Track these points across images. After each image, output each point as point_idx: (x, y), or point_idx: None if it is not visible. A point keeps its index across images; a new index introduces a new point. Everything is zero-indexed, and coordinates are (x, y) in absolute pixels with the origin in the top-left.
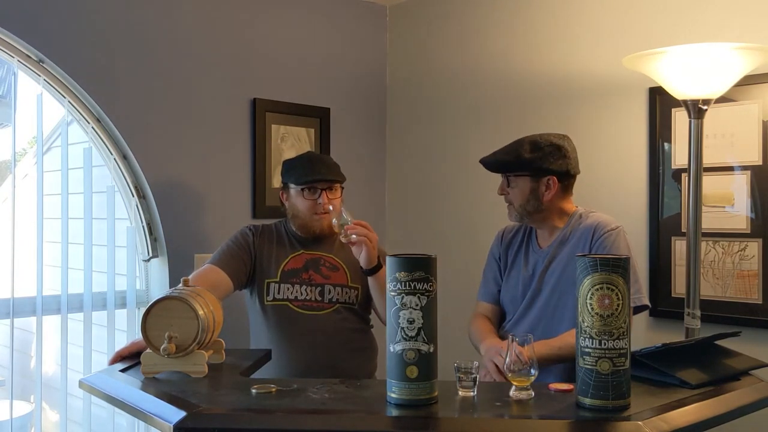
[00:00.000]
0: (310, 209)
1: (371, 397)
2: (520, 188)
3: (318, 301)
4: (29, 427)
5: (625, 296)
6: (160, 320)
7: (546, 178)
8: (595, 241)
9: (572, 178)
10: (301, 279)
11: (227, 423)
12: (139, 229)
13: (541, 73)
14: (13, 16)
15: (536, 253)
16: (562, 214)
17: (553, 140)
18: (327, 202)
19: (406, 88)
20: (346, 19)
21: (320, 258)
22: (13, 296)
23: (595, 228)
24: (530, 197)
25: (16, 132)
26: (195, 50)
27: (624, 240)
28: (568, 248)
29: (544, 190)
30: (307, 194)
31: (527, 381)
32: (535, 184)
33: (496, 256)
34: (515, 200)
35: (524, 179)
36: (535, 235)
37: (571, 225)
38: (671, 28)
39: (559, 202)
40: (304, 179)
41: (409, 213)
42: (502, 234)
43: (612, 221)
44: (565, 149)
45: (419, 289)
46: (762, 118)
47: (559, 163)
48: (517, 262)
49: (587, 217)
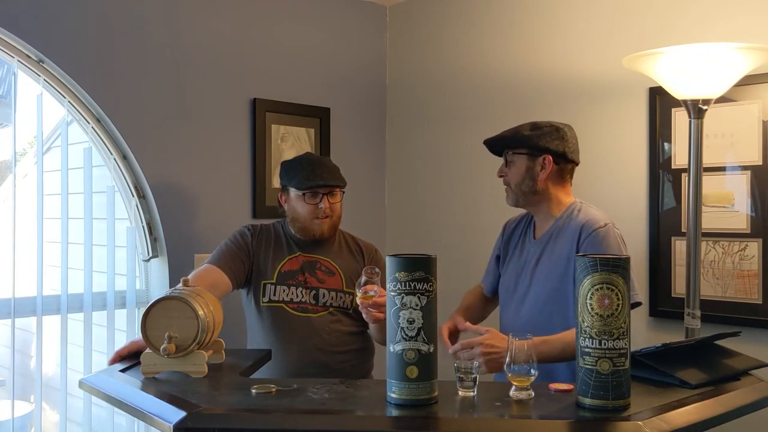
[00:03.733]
0: (311, 213)
1: (371, 397)
2: (516, 167)
3: (312, 304)
4: (29, 427)
5: (625, 296)
6: (160, 320)
7: (542, 158)
8: (583, 241)
9: (570, 163)
10: (297, 281)
11: (227, 423)
12: (139, 229)
13: (541, 72)
14: (13, 16)
15: (531, 244)
16: (559, 203)
17: (553, 123)
18: (328, 206)
19: (406, 88)
20: (346, 19)
21: (317, 261)
22: (14, 296)
23: (582, 227)
24: (526, 176)
25: (16, 132)
26: (195, 50)
27: (614, 237)
28: (559, 245)
29: (539, 170)
30: (308, 198)
31: (527, 381)
32: (531, 163)
33: (498, 246)
34: (512, 180)
35: (521, 158)
36: (533, 226)
37: (564, 218)
38: (671, 28)
39: (554, 188)
40: (306, 184)
41: (409, 213)
42: (506, 225)
43: (600, 218)
44: (564, 132)
45: (419, 289)
46: (762, 118)
47: (556, 143)
48: (515, 252)
49: (579, 213)
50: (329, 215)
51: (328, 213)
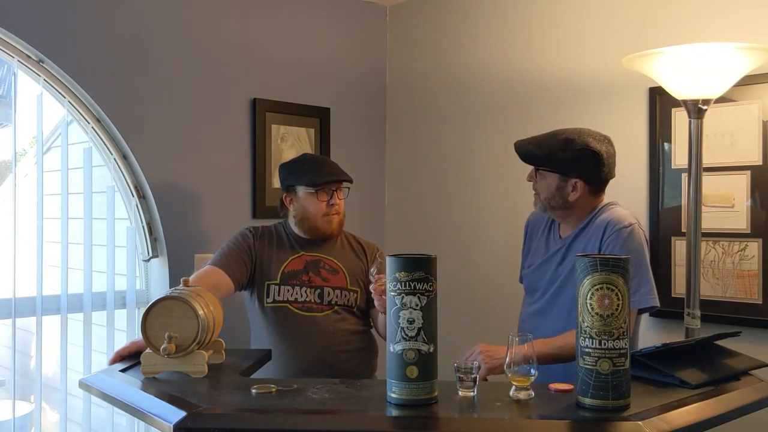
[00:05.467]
0: (322, 211)
1: (371, 397)
2: (546, 183)
3: (317, 303)
4: (29, 427)
5: (625, 296)
6: (160, 320)
7: (573, 180)
8: (606, 238)
9: (603, 183)
10: (301, 281)
11: (227, 423)
12: (139, 229)
13: (541, 72)
14: (13, 16)
15: (556, 242)
16: (589, 209)
17: (590, 143)
18: (338, 203)
19: (406, 88)
20: (346, 19)
21: (320, 260)
22: (14, 296)
23: (607, 224)
24: (556, 194)
25: (16, 132)
26: (195, 50)
27: (637, 238)
28: (584, 243)
29: (570, 191)
30: (321, 196)
31: (527, 381)
32: (563, 183)
33: (524, 241)
34: (541, 192)
35: (552, 175)
36: (558, 224)
37: (591, 217)
38: (671, 28)
39: (586, 201)
40: (320, 180)
41: (409, 213)
42: (528, 221)
43: (626, 217)
44: (601, 155)
45: (419, 289)
46: (762, 118)
47: (590, 169)
48: (538, 247)
49: (604, 212)
50: (338, 212)
51: (338, 210)
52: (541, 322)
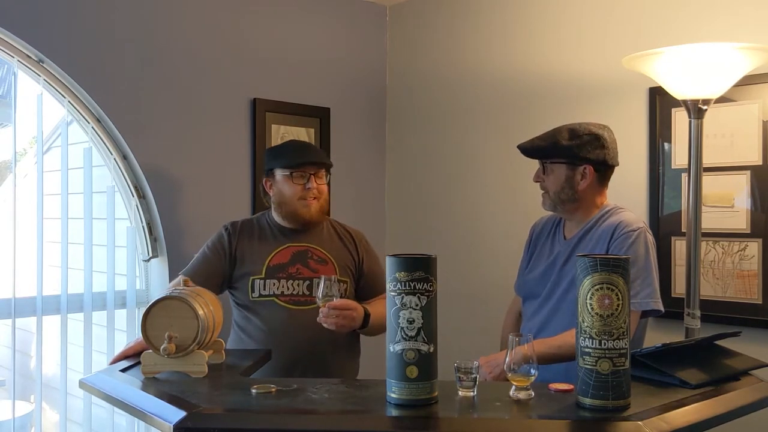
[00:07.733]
0: (298, 194)
1: (371, 397)
2: (555, 175)
3: (306, 296)
4: (29, 427)
5: (625, 296)
6: (160, 320)
7: (582, 167)
8: (614, 241)
9: (609, 168)
10: (288, 273)
11: (227, 423)
12: (139, 229)
13: (541, 73)
14: (13, 16)
15: (560, 244)
16: (594, 206)
17: (592, 129)
18: (315, 186)
19: (406, 88)
20: (346, 19)
21: (307, 250)
22: (14, 296)
23: (615, 227)
24: (565, 185)
25: (16, 132)
26: (195, 50)
27: (643, 242)
28: (591, 244)
29: (580, 179)
30: (296, 179)
31: (527, 381)
32: (571, 173)
33: (527, 248)
34: (550, 187)
35: (560, 167)
36: (563, 226)
37: (597, 219)
38: (671, 28)
39: (593, 193)
40: (294, 162)
41: (409, 213)
42: (533, 228)
43: (635, 221)
44: (604, 139)
45: (419, 289)
46: (762, 118)
47: (596, 152)
48: (542, 251)
49: (612, 215)
50: (317, 196)
51: (316, 194)
52: (551, 327)
